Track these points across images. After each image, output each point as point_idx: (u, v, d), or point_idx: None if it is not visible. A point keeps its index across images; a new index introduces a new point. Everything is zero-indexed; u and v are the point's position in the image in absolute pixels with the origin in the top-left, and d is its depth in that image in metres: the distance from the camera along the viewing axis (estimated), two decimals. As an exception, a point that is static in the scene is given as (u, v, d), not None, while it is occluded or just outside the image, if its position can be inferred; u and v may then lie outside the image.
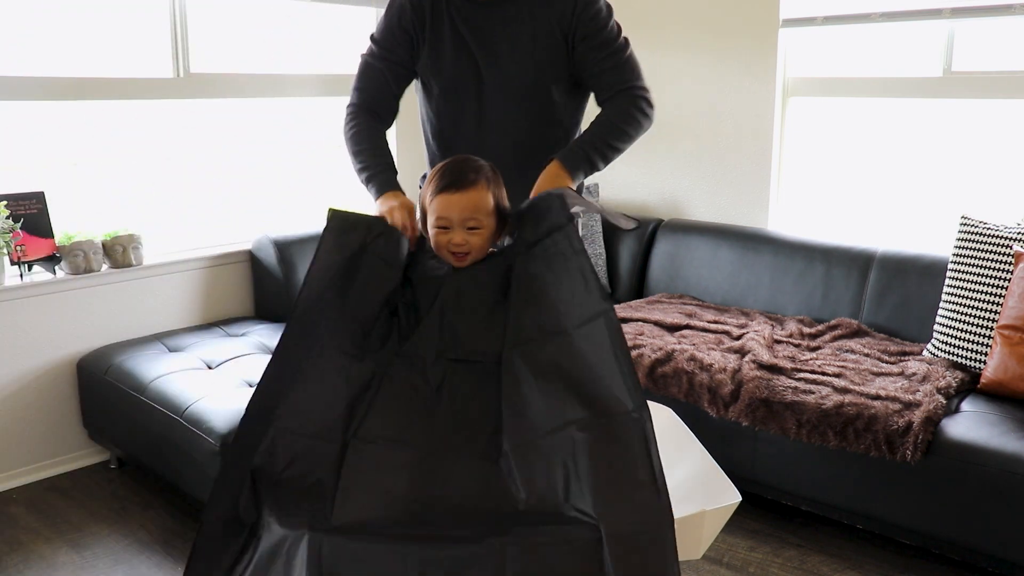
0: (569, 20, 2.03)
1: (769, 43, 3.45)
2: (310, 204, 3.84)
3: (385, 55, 2.11)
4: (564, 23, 2.03)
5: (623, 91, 2.06)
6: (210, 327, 3.33)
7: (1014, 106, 3.05)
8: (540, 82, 2.07)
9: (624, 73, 2.06)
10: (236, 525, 1.59)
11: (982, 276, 2.72)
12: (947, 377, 2.61)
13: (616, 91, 2.06)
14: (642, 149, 3.93)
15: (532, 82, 2.07)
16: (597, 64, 2.05)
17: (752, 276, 3.38)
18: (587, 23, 2.03)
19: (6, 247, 2.86)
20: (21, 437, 3.02)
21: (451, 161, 1.82)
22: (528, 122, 2.11)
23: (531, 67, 2.06)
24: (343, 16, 3.80)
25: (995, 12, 2.97)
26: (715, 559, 2.54)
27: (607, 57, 2.05)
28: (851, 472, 2.49)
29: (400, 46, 2.10)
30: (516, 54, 2.05)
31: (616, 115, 2.03)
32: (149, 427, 2.75)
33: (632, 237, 3.73)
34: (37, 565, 2.53)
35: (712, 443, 2.42)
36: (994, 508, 2.26)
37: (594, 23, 2.04)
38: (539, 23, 2.04)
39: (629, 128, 2.04)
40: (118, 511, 2.84)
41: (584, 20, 2.03)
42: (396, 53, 2.10)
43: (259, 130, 3.65)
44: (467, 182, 1.76)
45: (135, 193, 3.34)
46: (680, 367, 2.78)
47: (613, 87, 2.06)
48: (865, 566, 2.50)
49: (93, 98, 3.13)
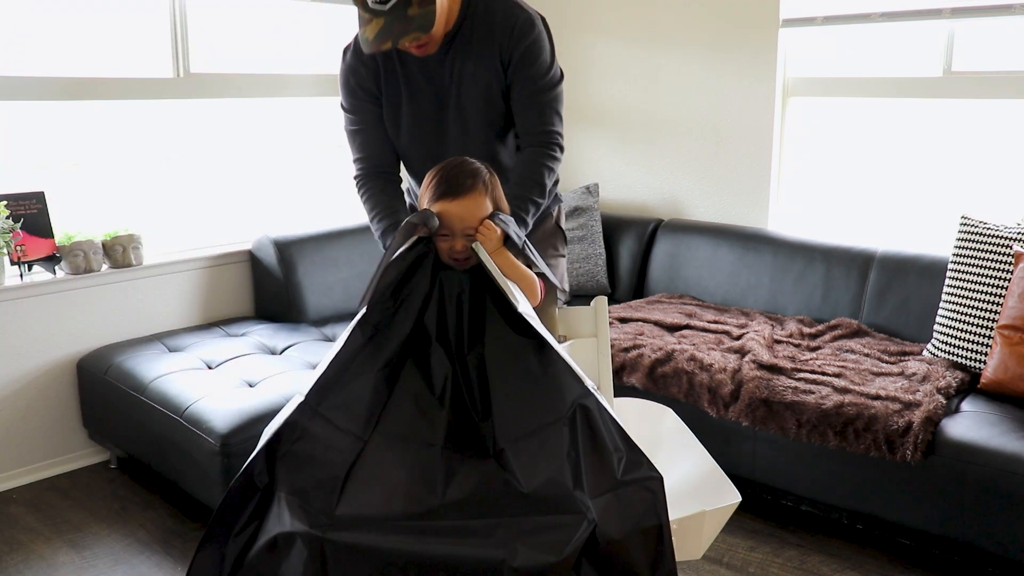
0: (504, 48, 2.06)
1: (769, 43, 3.45)
2: (310, 204, 3.84)
3: (360, 119, 2.16)
4: (502, 51, 2.07)
5: (537, 137, 2.10)
6: (210, 327, 3.33)
7: (1014, 106, 3.05)
8: (493, 110, 2.12)
9: (543, 115, 2.10)
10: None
11: (982, 276, 2.72)
12: (947, 377, 2.61)
13: (531, 135, 2.10)
14: (642, 149, 3.95)
15: (487, 115, 2.12)
16: (520, 100, 2.09)
17: (752, 276, 3.38)
18: (521, 56, 2.06)
19: (6, 247, 2.86)
20: (21, 437, 3.02)
21: (446, 166, 1.83)
22: (487, 140, 2.16)
23: (484, 103, 2.11)
24: (343, 16, 3.80)
25: (995, 12, 2.97)
26: (715, 559, 2.54)
27: (533, 94, 2.09)
28: (851, 472, 2.49)
29: (368, 103, 2.15)
30: (470, 94, 2.10)
31: (533, 171, 2.08)
32: (149, 427, 2.75)
33: (632, 237, 3.73)
34: (37, 565, 2.53)
35: (712, 443, 2.42)
36: (994, 508, 2.26)
37: (528, 56, 2.06)
38: (483, 59, 2.07)
39: (548, 180, 2.10)
40: (118, 511, 2.84)
41: (518, 51, 2.06)
42: (369, 112, 2.15)
43: (259, 130, 3.65)
44: (463, 188, 1.78)
45: (135, 193, 3.34)
46: (680, 367, 2.78)
47: (530, 129, 2.11)
48: (865, 566, 2.50)
49: (93, 98, 3.13)
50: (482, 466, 1.55)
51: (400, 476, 1.54)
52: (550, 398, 1.61)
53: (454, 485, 1.54)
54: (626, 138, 3.94)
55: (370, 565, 1.46)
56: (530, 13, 2.08)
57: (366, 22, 1.90)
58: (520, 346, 1.66)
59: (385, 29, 1.89)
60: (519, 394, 1.61)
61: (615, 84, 3.89)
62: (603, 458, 1.57)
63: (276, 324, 3.36)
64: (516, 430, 1.57)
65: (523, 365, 1.64)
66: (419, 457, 1.56)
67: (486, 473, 1.55)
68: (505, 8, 2.05)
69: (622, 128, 3.92)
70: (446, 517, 1.50)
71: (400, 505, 1.51)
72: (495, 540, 1.46)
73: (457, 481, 1.54)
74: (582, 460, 1.56)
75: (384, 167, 2.19)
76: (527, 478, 1.53)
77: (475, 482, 1.54)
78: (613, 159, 3.98)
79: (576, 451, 1.56)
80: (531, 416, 1.59)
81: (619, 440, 1.59)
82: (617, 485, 1.55)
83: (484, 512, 1.51)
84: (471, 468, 1.56)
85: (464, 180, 1.78)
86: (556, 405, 1.60)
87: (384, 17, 1.88)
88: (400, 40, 1.90)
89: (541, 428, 1.58)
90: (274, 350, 3.12)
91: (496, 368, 1.62)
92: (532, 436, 1.57)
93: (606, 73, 3.93)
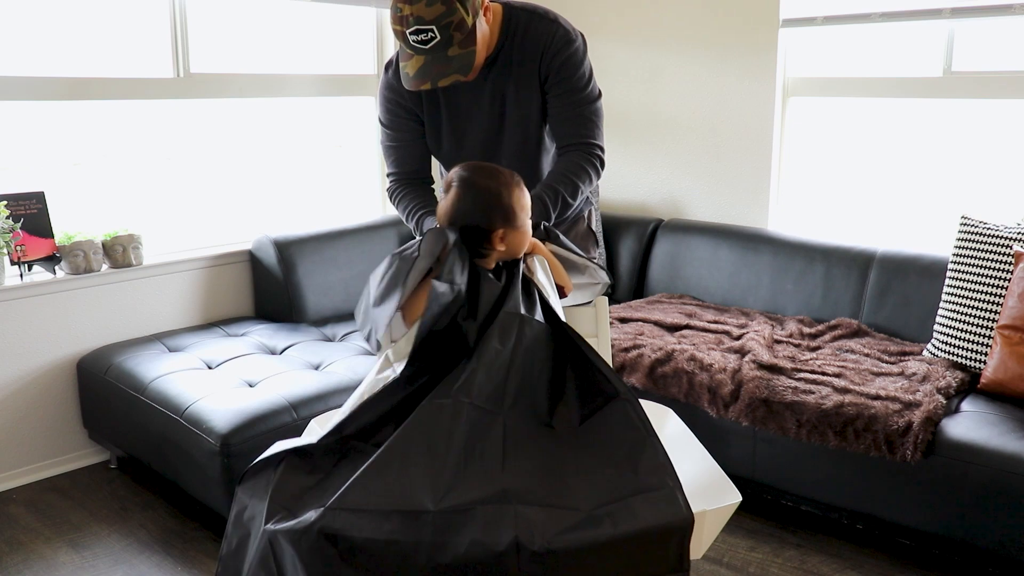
0: (543, 64, 2.06)
1: (769, 43, 3.45)
2: (310, 204, 3.84)
3: (397, 136, 2.18)
4: (540, 68, 2.07)
5: (578, 146, 2.09)
6: (210, 327, 3.33)
7: (1014, 106, 3.05)
8: (534, 130, 2.13)
9: (584, 127, 2.09)
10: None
11: (982, 276, 2.72)
12: (947, 377, 2.61)
13: (572, 144, 2.09)
14: (642, 149, 3.95)
15: (528, 134, 2.13)
16: (560, 112, 2.09)
17: (752, 276, 3.38)
18: (558, 69, 2.06)
19: (6, 247, 2.86)
20: (21, 437, 3.02)
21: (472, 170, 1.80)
22: (528, 160, 2.17)
23: (525, 124, 2.11)
24: (343, 16, 3.80)
25: (995, 12, 2.97)
26: (715, 559, 2.54)
27: (571, 106, 2.08)
28: (851, 472, 2.49)
29: (407, 120, 2.16)
30: (511, 115, 2.10)
31: (570, 168, 2.06)
32: (149, 427, 2.75)
33: (632, 237, 3.74)
34: (37, 565, 2.53)
35: (712, 443, 2.42)
36: (994, 508, 2.26)
37: (565, 69, 2.06)
38: (523, 79, 2.07)
39: (581, 183, 2.06)
40: (118, 511, 2.84)
41: (556, 65, 2.06)
42: (407, 129, 2.16)
43: (259, 130, 3.65)
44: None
45: (135, 193, 3.34)
46: (680, 367, 2.78)
47: (571, 140, 2.09)
48: (865, 566, 2.50)
49: (93, 98, 3.13)
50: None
51: (405, 484, 1.48)
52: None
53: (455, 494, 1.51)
54: (626, 138, 3.94)
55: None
56: (567, 29, 2.08)
57: (407, 57, 1.91)
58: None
59: (424, 69, 1.90)
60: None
61: (615, 84, 3.89)
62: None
63: (276, 324, 3.36)
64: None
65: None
66: (428, 471, 1.49)
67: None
68: (543, 26, 2.06)
69: (622, 128, 3.92)
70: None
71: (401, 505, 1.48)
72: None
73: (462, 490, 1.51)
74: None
75: (419, 177, 2.21)
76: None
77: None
78: (613, 159, 3.95)
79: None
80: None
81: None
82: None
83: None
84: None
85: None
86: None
87: (424, 55, 1.88)
88: (438, 82, 1.91)
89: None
90: (274, 350, 3.12)
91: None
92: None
93: (606, 73, 3.92)
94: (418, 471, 1.45)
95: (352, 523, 1.39)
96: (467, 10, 1.87)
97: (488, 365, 1.57)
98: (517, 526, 1.40)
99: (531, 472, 1.51)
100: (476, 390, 1.54)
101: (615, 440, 1.59)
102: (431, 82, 1.92)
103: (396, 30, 1.89)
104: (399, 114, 2.15)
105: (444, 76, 1.91)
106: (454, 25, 1.85)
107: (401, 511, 1.40)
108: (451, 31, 1.85)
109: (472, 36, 1.89)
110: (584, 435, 1.62)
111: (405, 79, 1.94)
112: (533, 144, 2.15)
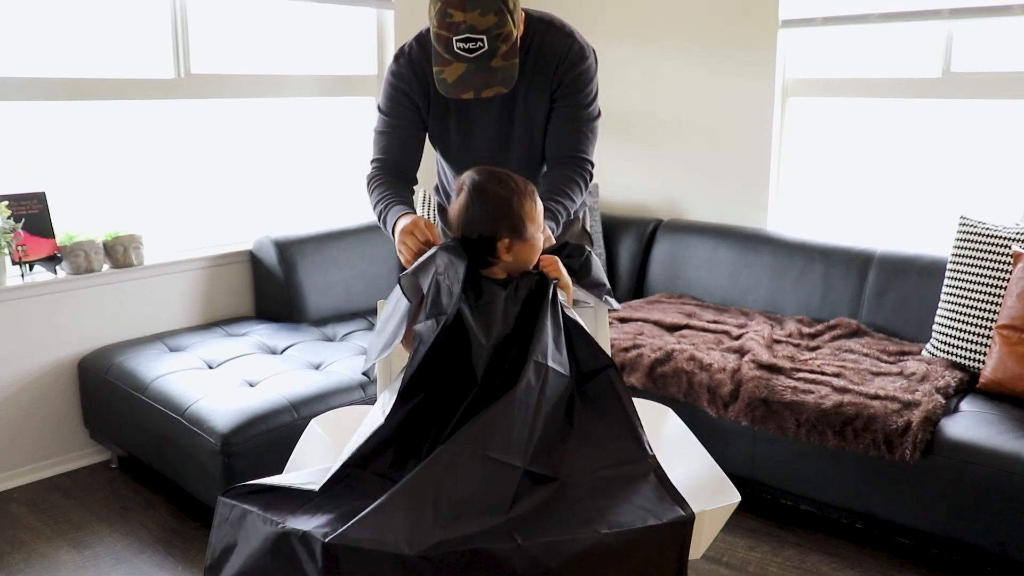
0: (556, 75, 2.07)
1: (768, 44, 3.45)
2: (310, 204, 3.85)
3: (391, 124, 2.15)
4: (553, 77, 2.07)
5: (569, 159, 2.10)
6: (211, 327, 3.34)
7: (1013, 106, 3.05)
8: (538, 135, 2.14)
9: (580, 141, 2.10)
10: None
11: (981, 276, 2.73)
12: (946, 377, 2.61)
13: (564, 156, 2.10)
14: (642, 149, 3.95)
15: (534, 141, 2.14)
16: (561, 123, 2.10)
17: (751, 276, 3.39)
18: (569, 82, 2.07)
19: (7, 247, 2.87)
20: (22, 437, 3.03)
21: (485, 176, 1.78)
22: (533, 166, 2.17)
23: (532, 131, 2.12)
24: (343, 16, 3.80)
25: (994, 13, 2.98)
26: (715, 559, 2.54)
27: (573, 120, 2.10)
28: (850, 472, 2.50)
29: (406, 110, 2.14)
30: (521, 120, 2.11)
31: (566, 183, 2.07)
32: (150, 427, 2.75)
33: (632, 237, 3.74)
34: (38, 564, 2.54)
35: (712, 443, 2.42)
36: (993, 508, 2.27)
37: (575, 84, 2.07)
38: (534, 89, 2.08)
39: (576, 198, 2.08)
40: (119, 510, 2.84)
41: (568, 79, 2.07)
42: (404, 118, 2.14)
43: (259, 130, 3.65)
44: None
45: (136, 193, 3.35)
46: (680, 367, 2.79)
47: (563, 151, 2.10)
48: (864, 565, 2.50)
49: (94, 98, 3.14)
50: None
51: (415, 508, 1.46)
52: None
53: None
54: (625, 138, 3.94)
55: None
56: (583, 44, 2.09)
57: (445, 63, 1.88)
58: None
59: (467, 77, 1.88)
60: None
61: (615, 84, 3.89)
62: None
63: (276, 324, 3.37)
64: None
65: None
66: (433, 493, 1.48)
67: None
68: (560, 39, 2.06)
69: (622, 128, 3.92)
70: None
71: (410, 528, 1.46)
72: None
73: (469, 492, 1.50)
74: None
75: (401, 169, 2.17)
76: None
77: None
78: (613, 159, 3.98)
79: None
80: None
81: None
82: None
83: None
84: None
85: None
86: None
87: (467, 64, 1.86)
88: (482, 92, 1.90)
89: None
90: (275, 350, 3.13)
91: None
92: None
93: (606, 73, 3.91)
94: (425, 519, 1.42)
95: (352, 558, 1.37)
96: (515, 23, 1.86)
97: (509, 413, 1.52)
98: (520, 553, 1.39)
99: (535, 506, 1.50)
100: (496, 439, 1.50)
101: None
102: (475, 92, 1.89)
103: (440, 35, 1.84)
104: (402, 103, 2.13)
105: (488, 87, 1.89)
106: (502, 36, 1.84)
107: (399, 555, 1.37)
108: (499, 42, 1.84)
109: (515, 48, 1.89)
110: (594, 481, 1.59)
111: (442, 85, 1.91)
112: (538, 150, 2.16)
